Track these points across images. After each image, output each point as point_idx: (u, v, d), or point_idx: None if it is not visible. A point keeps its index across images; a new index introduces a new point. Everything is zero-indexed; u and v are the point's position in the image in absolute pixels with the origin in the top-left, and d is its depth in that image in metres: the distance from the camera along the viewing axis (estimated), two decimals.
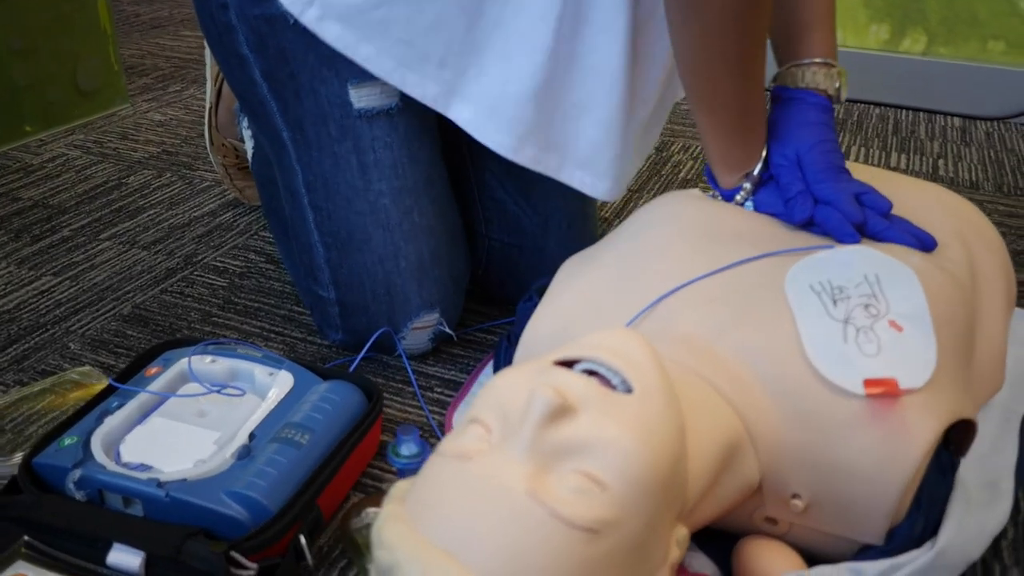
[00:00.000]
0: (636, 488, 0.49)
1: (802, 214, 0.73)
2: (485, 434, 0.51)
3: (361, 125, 0.81)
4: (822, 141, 0.74)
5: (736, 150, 0.76)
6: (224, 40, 0.83)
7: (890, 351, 0.63)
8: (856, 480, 0.60)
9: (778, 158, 0.76)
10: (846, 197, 0.73)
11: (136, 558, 0.62)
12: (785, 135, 0.76)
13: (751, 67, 0.72)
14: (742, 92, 0.73)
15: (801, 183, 0.74)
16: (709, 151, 0.77)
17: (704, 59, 0.71)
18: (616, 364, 0.53)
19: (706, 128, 0.76)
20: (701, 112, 0.75)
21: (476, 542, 0.47)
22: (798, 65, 0.78)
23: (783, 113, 0.77)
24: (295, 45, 0.80)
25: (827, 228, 0.73)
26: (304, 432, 0.71)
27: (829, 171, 0.74)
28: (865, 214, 0.73)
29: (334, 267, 0.86)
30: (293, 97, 0.82)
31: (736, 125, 0.74)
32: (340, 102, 0.81)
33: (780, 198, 0.76)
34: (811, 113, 0.76)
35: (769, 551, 0.63)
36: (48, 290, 1.06)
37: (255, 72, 0.83)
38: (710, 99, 0.73)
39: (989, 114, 1.67)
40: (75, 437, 0.71)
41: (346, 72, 0.80)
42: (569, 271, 0.79)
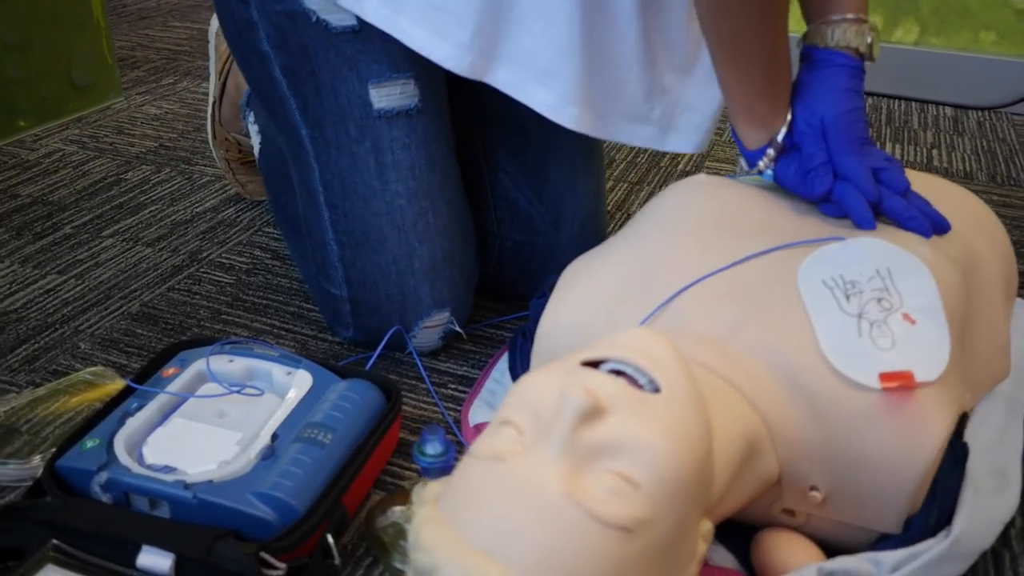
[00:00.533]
0: (668, 487, 0.50)
1: (821, 188, 0.74)
2: (518, 435, 0.52)
3: (380, 125, 0.82)
4: (850, 110, 0.74)
5: (760, 104, 0.75)
6: (244, 35, 0.83)
7: (904, 344, 0.64)
8: (874, 472, 0.62)
9: (803, 125, 0.75)
10: (866, 173, 0.73)
11: (166, 560, 0.63)
12: (812, 100, 0.75)
13: (774, 13, 0.71)
14: (765, 40, 0.72)
15: (824, 154, 0.74)
16: (733, 106, 0.77)
17: (733, 16, 0.70)
18: (643, 364, 0.54)
19: (729, 81, 0.75)
20: (723, 64, 0.74)
21: (514, 543, 0.48)
22: (827, 22, 0.76)
23: (812, 76, 0.76)
24: (317, 42, 0.80)
25: (844, 207, 0.73)
26: (326, 431, 0.72)
27: (853, 143, 0.74)
28: (881, 192, 0.73)
29: (347, 265, 0.87)
30: (313, 95, 0.82)
31: (760, 76, 0.74)
32: (360, 102, 0.81)
33: (800, 168, 0.76)
34: (841, 78, 0.75)
35: (789, 543, 0.65)
36: (54, 289, 1.05)
37: (275, 68, 0.83)
38: (731, 47, 0.72)
39: (980, 103, 1.69)
40: (97, 439, 0.71)
41: (367, 72, 0.80)
42: (581, 266, 0.79)
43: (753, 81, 0.74)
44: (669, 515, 0.50)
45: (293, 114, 0.84)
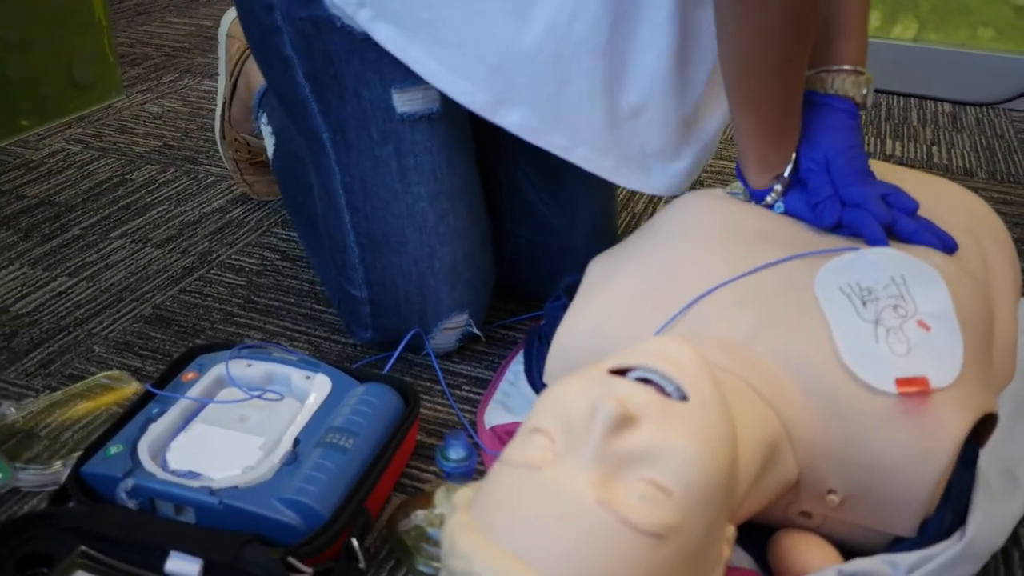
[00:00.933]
0: (698, 494, 0.51)
1: (831, 218, 0.76)
2: (549, 443, 0.53)
3: (403, 129, 0.82)
4: (851, 147, 0.77)
5: (772, 152, 0.78)
6: (268, 41, 0.84)
7: (919, 350, 0.65)
8: (890, 475, 0.63)
9: (808, 162, 0.78)
10: (874, 199, 0.75)
11: (194, 566, 0.63)
12: (815, 139, 0.78)
13: (797, 70, 0.74)
14: (786, 95, 0.74)
15: (830, 187, 0.77)
16: (745, 152, 0.79)
17: (756, 60, 0.72)
18: (671, 372, 0.55)
19: (745, 129, 0.77)
20: (743, 113, 0.76)
21: (549, 549, 0.49)
22: (828, 71, 0.80)
23: (813, 117, 0.79)
24: (340, 48, 0.80)
25: (857, 229, 0.75)
26: (348, 436, 0.72)
27: (856, 175, 0.76)
28: (893, 215, 0.75)
29: (368, 267, 0.87)
30: (336, 99, 0.83)
31: (776, 127, 0.76)
32: (383, 106, 0.82)
33: (808, 202, 0.78)
34: (840, 119, 0.78)
35: (807, 544, 0.66)
36: (65, 291, 1.06)
37: (298, 73, 0.83)
38: (754, 101, 0.75)
39: (978, 99, 1.70)
40: (121, 445, 0.72)
41: (390, 76, 0.81)
42: (598, 272, 0.80)
43: (769, 132, 0.77)
44: (699, 521, 0.51)
45: (315, 118, 0.85)
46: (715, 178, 1.40)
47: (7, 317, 1.00)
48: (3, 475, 0.76)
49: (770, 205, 0.81)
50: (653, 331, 0.72)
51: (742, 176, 0.82)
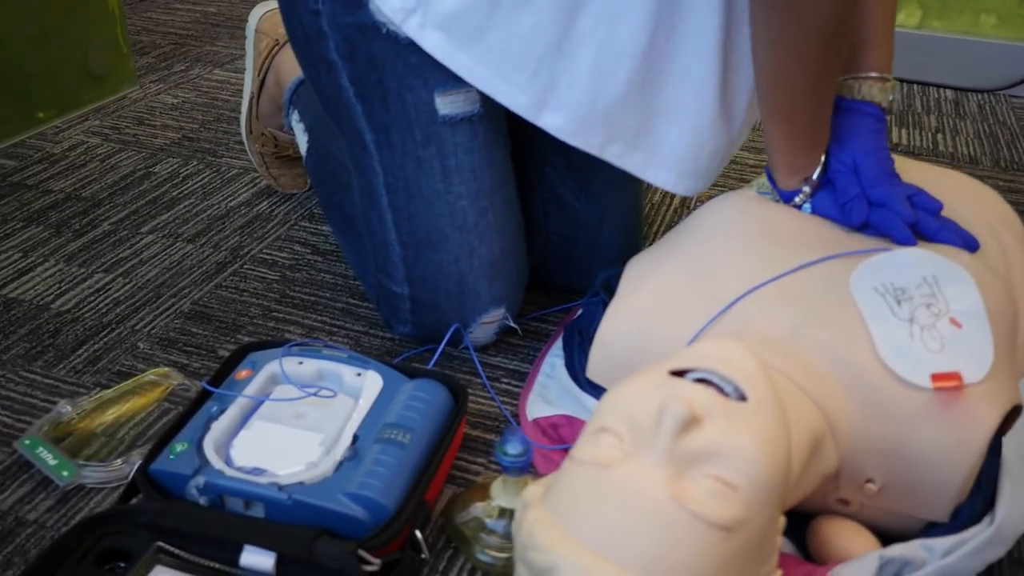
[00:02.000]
0: (761, 489, 0.55)
1: (858, 217, 0.79)
2: (618, 442, 0.57)
3: (445, 131, 0.85)
4: (878, 149, 0.80)
5: (802, 158, 0.81)
6: (313, 45, 0.85)
7: (952, 347, 0.69)
8: (927, 465, 0.67)
9: (836, 164, 0.81)
10: (900, 199, 0.79)
11: (268, 559, 0.67)
12: (844, 142, 0.81)
13: (830, 82, 0.77)
14: (817, 108, 0.78)
15: (857, 188, 0.80)
16: (775, 157, 0.82)
17: (793, 73, 0.75)
18: (730, 374, 0.59)
19: (777, 136, 0.80)
20: (776, 122, 0.79)
21: (626, 543, 0.52)
22: (856, 78, 0.83)
23: (842, 121, 0.82)
24: (385, 53, 0.83)
25: (884, 229, 0.78)
26: (404, 432, 0.76)
27: (883, 176, 0.80)
28: (918, 215, 0.78)
29: (409, 265, 0.90)
30: (380, 102, 0.85)
31: (807, 135, 0.79)
32: (426, 109, 0.84)
33: (836, 202, 0.81)
34: (868, 123, 0.81)
35: (846, 531, 0.70)
36: (103, 288, 1.08)
37: (343, 77, 0.85)
38: (787, 111, 0.78)
39: (980, 86, 1.74)
40: (186, 443, 0.74)
41: (433, 80, 0.83)
42: (638, 271, 0.83)
43: (800, 142, 0.80)
44: (761, 514, 0.55)
45: (359, 120, 0.87)
46: (730, 168, 1.43)
47: (49, 314, 1.02)
48: (69, 473, 0.78)
49: (798, 206, 0.84)
50: (695, 330, 0.75)
51: (771, 178, 0.86)
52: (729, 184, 1.37)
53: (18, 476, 0.80)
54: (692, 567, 0.52)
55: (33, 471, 0.80)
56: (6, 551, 0.73)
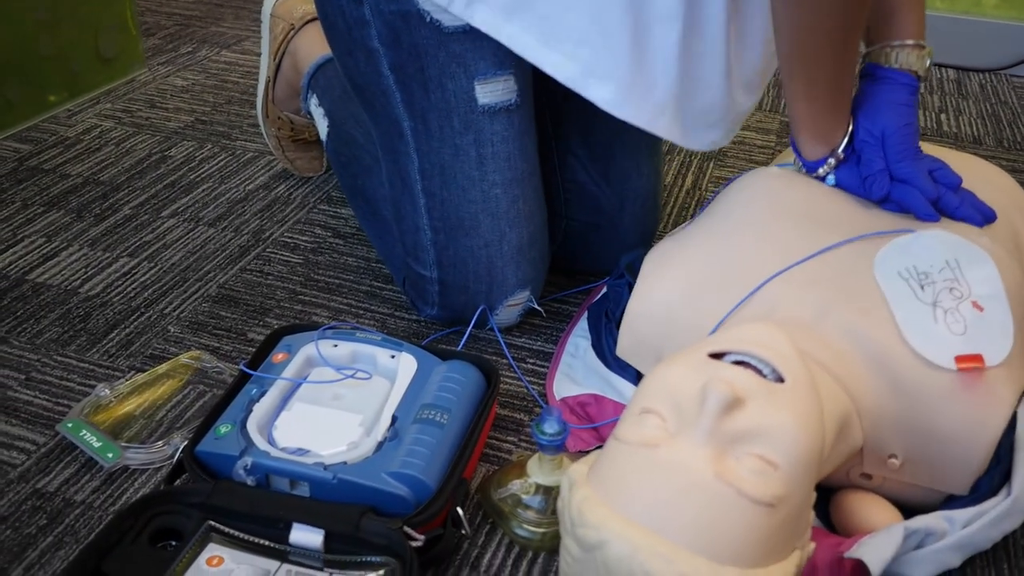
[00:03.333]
0: (800, 466, 0.57)
1: (880, 192, 0.81)
2: (661, 423, 0.59)
3: (483, 120, 0.86)
4: (907, 124, 0.81)
5: (824, 126, 0.82)
6: (354, 33, 0.86)
7: (975, 330, 0.72)
8: (949, 442, 0.70)
9: (864, 134, 0.82)
10: (923, 175, 0.81)
11: (317, 536, 0.69)
12: (874, 113, 0.82)
13: (851, 49, 0.77)
14: (840, 72, 0.78)
15: (882, 161, 0.81)
16: (799, 125, 0.83)
17: (812, 42, 0.75)
18: (768, 357, 0.61)
19: (799, 104, 0.81)
20: (797, 89, 0.80)
21: (675, 519, 0.55)
22: (891, 46, 0.83)
23: (874, 90, 0.83)
24: (428, 41, 0.84)
25: (906, 205, 0.80)
26: (441, 412, 0.78)
27: (908, 151, 0.81)
28: (939, 190, 0.80)
29: (440, 249, 0.92)
30: (421, 90, 0.86)
31: (828, 102, 0.80)
32: (466, 97, 0.86)
33: (859, 174, 0.83)
34: (901, 94, 0.82)
35: (870, 504, 0.73)
36: (129, 272, 1.09)
37: (383, 65, 0.86)
38: (809, 78, 0.79)
39: (982, 66, 1.76)
40: (230, 425, 0.77)
41: (474, 69, 0.85)
42: (663, 254, 0.85)
43: (822, 103, 0.81)
44: (800, 490, 0.58)
45: (396, 107, 0.88)
46: (738, 149, 1.45)
47: (78, 299, 1.04)
48: (113, 454, 0.81)
49: (821, 177, 0.86)
50: (721, 313, 0.78)
51: (796, 150, 0.87)
52: (739, 165, 1.39)
53: (62, 458, 0.82)
54: (737, 541, 0.55)
55: (76, 453, 0.82)
56: (57, 531, 0.75)
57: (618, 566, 0.55)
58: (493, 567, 0.73)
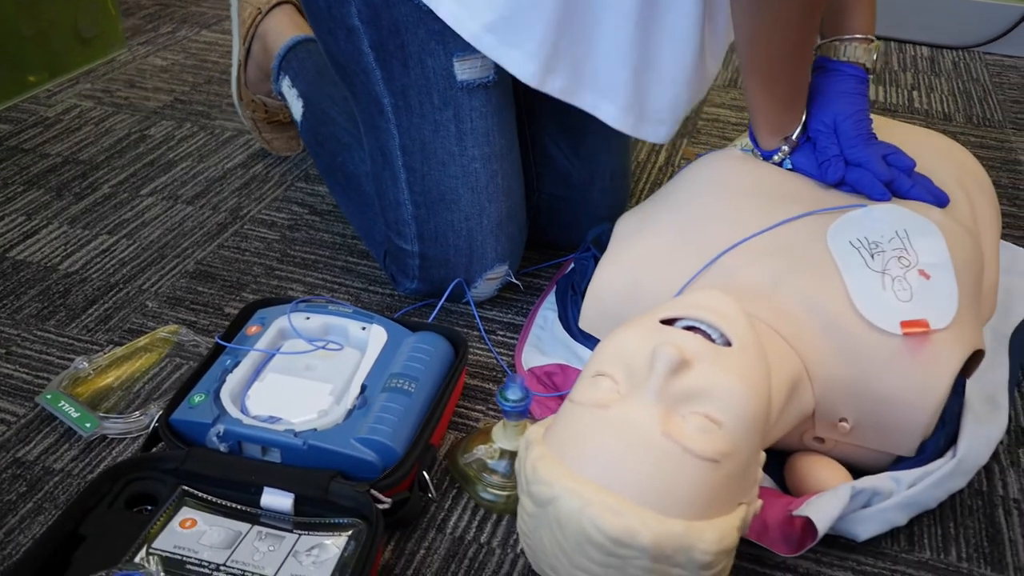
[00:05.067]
0: (745, 424, 0.60)
1: (835, 176, 0.84)
2: (614, 385, 0.62)
3: (462, 96, 0.88)
4: (858, 111, 0.84)
5: (782, 118, 0.85)
6: (334, 11, 0.88)
7: (921, 296, 0.74)
8: (895, 405, 0.73)
9: (817, 123, 0.85)
10: (876, 159, 0.83)
11: (287, 499, 0.71)
12: (825, 103, 0.85)
13: (808, 47, 0.81)
14: (797, 69, 0.81)
15: (836, 147, 0.85)
16: (757, 118, 0.86)
17: (773, 39, 0.78)
18: (716, 322, 0.64)
19: (758, 98, 0.84)
20: (756, 84, 0.83)
21: (623, 474, 0.57)
22: (841, 40, 0.87)
23: (825, 81, 0.86)
24: (407, 19, 0.85)
25: (860, 188, 0.83)
26: (409, 381, 0.80)
27: (860, 137, 0.84)
28: (892, 173, 0.83)
29: (421, 223, 0.94)
30: (400, 67, 0.88)
31: (787, 97, 0.83)
32: (445, 74, 0.87)
33: (815, 160, 0.86)
34: (849, 84, 0.85)
35: (820, 465, 0.76)
36: (108, 249, 1.11)
37: (364, 43, 0.88)
38: (768, 74, 0.82)
39: (955, 43, 1.78)
40: (204, 395, 0.79)
41: (453, 46, 0.86)
42: (628, 227, 0.88)
43: (779, 103, 0.84)
44: (744, 447, 0.60)
45: (377, 85, 0.90)
46: (712, 126, 1.47)
47: (57, 275, 1.06)
48: (92, 424, 0.83)
49: (778, 163, 0.89)
50: (682, 282, 0.80)
51: (753, 138, 0.90)
52: (712, 142, 1.41)
53: (41, 429, 0.84)
54: (682, 495, 0.57)
55: (55, 423, 0.85)
56: (36, 498, 0.77)
57: (568, 520, 0.57)
58: (459, 529, 0.76)
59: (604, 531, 0.56)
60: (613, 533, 0.56)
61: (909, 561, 0.74)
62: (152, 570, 0.64)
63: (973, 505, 0.79)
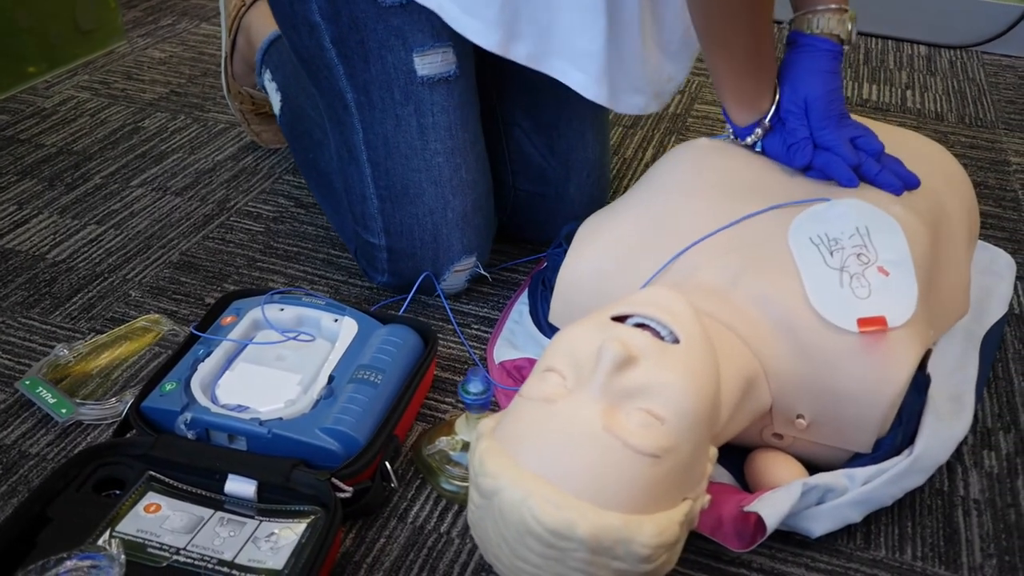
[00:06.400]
0: (687, 421, 0.61)
1: (802, 160, 0.85)
2: (562, 380, 0.63)
3: (423, 91, 0.89)
4: (829, 91, 0.84)
5: (748, 88, 0.85)
6: (295, 8, 0.89)
7: (879, 293, 0.75)
8: (851, 402, 0.73)
9: (788, 103, 0.86)
10: (844, 142, 0.84)
11: (250, 486, 0.73)
12: (797, 81, 0.85)
13: (761, 13, 0.80)
14: (754, 32, 0.81)
15: (805, 129, 0.85)
16: (722, 90, 0.86)
17: (724, 10, 0.78)
18: (665, 319, 0.65)
19: (719, 68, 0.84)
20: (714, 52, 0.83)
21: (565, 468, 0.59)
22: (813, 11, 0.86)
23: (797, 58, 0.86)
24: (367, 15, 0.87)
25: (828, 172, 0.84)
26: (376, 372, 0.82)
27: (831, 118, 0.84)
28: (860, 157, 0.83)
29: (387, 217, 0.95)
30: (361, 63, 0.89)
31: (747, 64, 0.83)
32: (405, 69, 0.89)
33: (784, 142, 0.86)
34: (822, 60, 0.85)
35: (777, 462, 0.76)
36: (96, 239, 1.13)
37: (325, 39, 0.89)
38: (723, 39, 0.81)
39: (953, 42, 1.77)
40: (175, 383, 0.81)
41: (412, 41, 0.87)
42: (596, 222, 0.89)
43: (740, 69, 0.84)
44: (688, 443, 0.61)
45: (340, 80, 0.91)
46: (701, 123, 1.47)
47: (44, 264, 1.08)
48: (67, 410, 0.85)
49: (751, 145, 0.89)
50: (647, 276, 0.81)
51: (727, 116, 0.90)
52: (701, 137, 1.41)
53: (20, 414, 0.86)
54: (621, 489, 0.58)
55: (34, 409, 0.87)
56: (11, 480, 0.79)
57: (510, 511, 0.58)
58: (420, 518, 0.77)
59: (543, 523, 0.57)
60: (551, 525, 0.57)
61: (864, 559, 0.74)
62: (113, 553, 0.66)
63: (933, 504, 0.80)
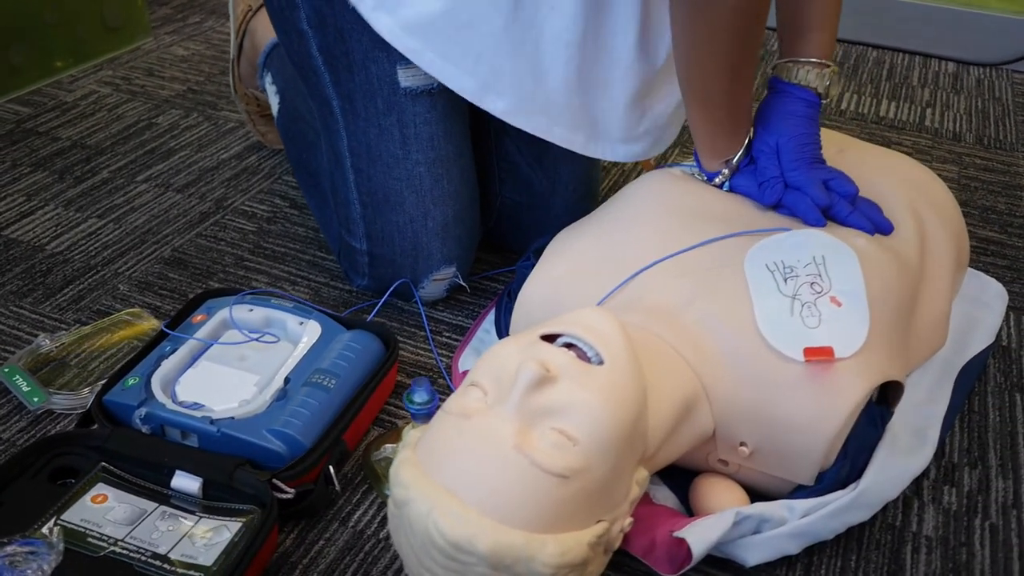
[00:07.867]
0: (601, 443, 0.61)
1: (772, 197, 0.84)
2: (483, 396, 0.63)
3: (405, 102, 0.91)
4: (801, 134, 0.84)
5: (721, 141, 0.85)
6: (286, 15, 0.91)
7: (829, 324, 0.74)
8: (793, 431, 0.72)
9: (760, 144, 0.85)
10: (816, 183, 0.83)
11: (195, 483, 0.75)
12: (770, 124, 0.85)
13: (744, 69, 0.80)
14: (734, 91, 0.81)
15: (776, 169, 0.84)
16: (698, 139, 0.87)
17: (704, 58, 0.79)
18: (590, 339, 0.65)
19: (697, 120, 0.85)
20: (694, 105, 0.84)
21: (473, 484, 0.59)
22: (795, 62, 0.86)
23: (774, 103, 0.86)
24: (352, 26, 0.88)
25: (796, 211, 0.83)
26: (331, 377, 0.83)
27: (802, 160, 0.84)
28: (832, 199, 0.83)
29: (368, 223, 0.97)
30: (346, 72, 0.91)
31: (724, 120, 0.83)
32: (389, 80, 0.90)
33: (754, 181, 0.86)
34: (797, 107, 0.85)
35: (719, 488, 0.76)
36: (95, 232, 1.17)
37: (312, 47, 0.91)
38: (704, 95, 0.82)
39: (982, 60, 1.72)
40: (137, 378, 0.83)
41: (396, 54, 0.88)
42: (561, 242, 0.89)
43: (717, 125, 0.85)
44: (602, 465, 0.61)
45: (327, 87, 0.93)
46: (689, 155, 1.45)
47: (43, 255, 1.12)
48: (39, 398, 0.88)
49: (719, 185, 0.89)
50: (602, 295, 0.81)
51: (697, 159, 0.90)
52: None
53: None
54: (527, 507, 0.59)
55: (10, 396, 0.90)
56: None
57: (417, 522, 0.59)
58: (361, 523, 0.78)
59: (445, 535, 0.57)
60: (453, 538, 0.57)
61: None
62: (53, 540, 0.68)
63: (882, 539, 0.78)
